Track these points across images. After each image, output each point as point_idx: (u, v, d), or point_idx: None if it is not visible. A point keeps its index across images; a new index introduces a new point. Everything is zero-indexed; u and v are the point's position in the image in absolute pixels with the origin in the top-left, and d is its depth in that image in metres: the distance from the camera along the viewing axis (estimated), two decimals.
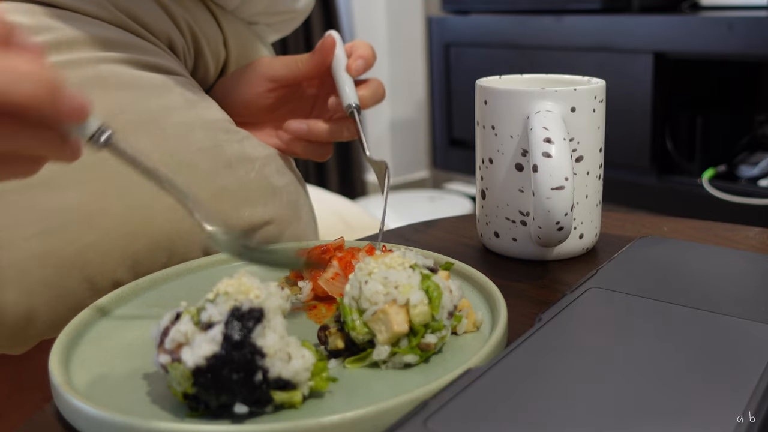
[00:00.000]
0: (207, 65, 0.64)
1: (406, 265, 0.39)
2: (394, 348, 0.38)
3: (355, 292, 0.39)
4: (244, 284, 0.35)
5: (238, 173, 0.56)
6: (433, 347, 0.38)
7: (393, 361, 0.38)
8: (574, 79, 0.57)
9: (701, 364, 0.35)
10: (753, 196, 1.44)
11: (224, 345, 0.33)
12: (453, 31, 1.94)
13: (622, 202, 1.63)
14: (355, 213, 1.00)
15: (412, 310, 0.38)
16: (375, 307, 0.38)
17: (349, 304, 0.39)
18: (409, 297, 0.38)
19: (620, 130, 1.56)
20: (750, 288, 0.46)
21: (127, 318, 0.45)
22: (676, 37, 1.49)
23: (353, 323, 0.38)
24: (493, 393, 0.33)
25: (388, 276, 0.38)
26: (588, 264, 0.54)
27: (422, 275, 0.39)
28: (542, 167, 0.48)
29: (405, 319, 0.38)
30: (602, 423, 0.31)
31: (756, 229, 0.60)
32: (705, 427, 0.30)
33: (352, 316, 0.38)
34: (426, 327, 0.38)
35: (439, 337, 0.38)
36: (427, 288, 0.39)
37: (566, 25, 1.66)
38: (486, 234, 0.57)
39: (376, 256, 0.41)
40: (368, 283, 0.38)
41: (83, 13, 0.54)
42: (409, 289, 0.38)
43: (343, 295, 0.39)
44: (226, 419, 0.34)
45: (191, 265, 0.51)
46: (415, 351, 0.38)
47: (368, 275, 0.39)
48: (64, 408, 0.36)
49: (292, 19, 0.73)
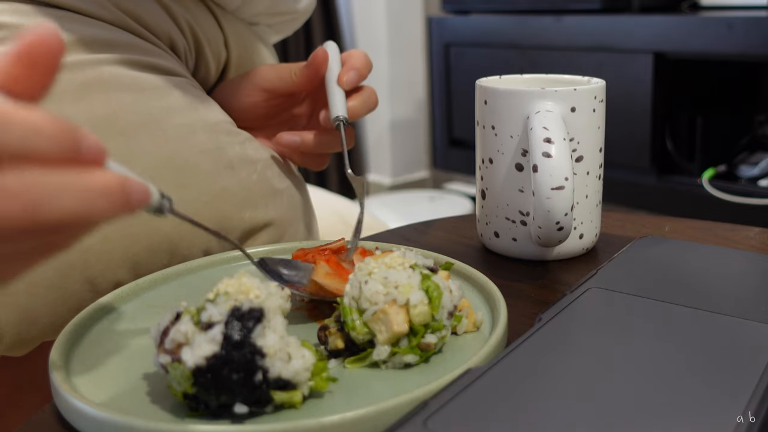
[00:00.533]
0: (208, 66, 0.63)
1: (406, 265, 0.39)
2: (394, 348, 0.38)
3: (355, 292, 0.39)
4: (244, 284, 0.35)
5: (239, 175, 0.56)
6: (433, 347, 0.38)
7: (393, 361, 0.38)
8: (574, 79, 0.57)
9: (701, 364, 0.35)
10: (753, 196, 1.44)
11: (224, 345, 0.33)
12: (453, 31, 1.94)
13: (622, 202, 1.63)
14: (355, 213, 1.00)
15: (412, 310, 0.38)
16: (375, 307, 0.38)
17: (349, 304, 0.39)
18: (409, 297, 0.38)
19: (620, 130, 1.56)
20: (750, 288, 0.46)
21: (127, 318, 0.45)
22: (676, 37, 1.49)
23: (353, 323, 0.38)
24: (493, 393, 0.33)
25: (388, 276, 0.38)
26: (588, 264, 0.55)
27: (422, 275, 0.39)
28: (542, 167, 0.48)
29: (405, 319, 0.38)
30: (602, 423, 0.31)
31: (756, 229, 0.60)
32: (705, 427, 0.30)
33: (352, 316, 0.38)
34: (426, 327, 0.38)
35: (439, 337, 0.38)
36: (427, 288, 0.39)
37: (566, 25, 1.66)
38: (486, 234, 0.57)
39: (376, 256, 0.41)
40: (368, 283, 0.38)
41: (84, 13, 0.54)
42: (409, 289, 0.38)
43: (343, 295, 0.39)
44: (226, 419, 0.34)
45: (191, 265, 0.51)
46: (415, 351, 0.38)
47: (368, 275, 0.39)
48: (64, 408, 0.36)
49: (294, 20, 0.73)
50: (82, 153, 0.29)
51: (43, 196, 0.27)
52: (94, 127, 0.50)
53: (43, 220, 0.27)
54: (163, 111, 0.54)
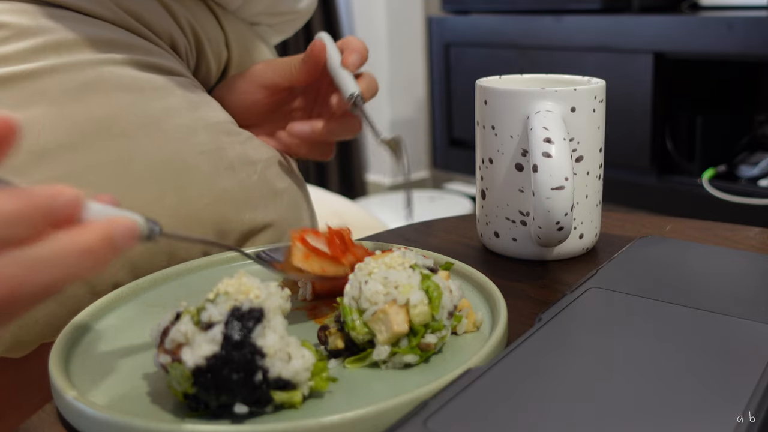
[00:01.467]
0: (209, 65, 0.63)
1: (406, 265, 0.39)
2: (394, 348, 0.38)
3: (355, 292, 0.39)
4: (244, 284, 0.35)
5: (239, 176, 0.56)
6: (433, 347, 0.38)
7: (393, 361, 0.38)
8: (574, 79, 0.57)
9: (701, 364, 0.35)
10: (753, 196, 1.44)
11: (224, 345, 0.33)
12: (453, 31, 1.94)
13: (622, 202, 1.63)
14: (354, 213, 1.00)
15: (412, 310, 0.38)
16: (375, 307, 0.38)
17: (349, 304, 0.39)
18: (409, 297, 0.38)
19: (620, 130, 1.56)
20: (750, 288, 0.46)
21: (127, 318, 0.45)
22: (676, 37, 1.49)
23: (353, 323, 0.38)
24: (493, 393, 0.33)
25: (388, 276, 0.38)
26: (588, 264, 0.54)
27: (422, 275, 0.39)
28: (542, 167, 0.48)
29: (405, 319, 0.38)
30: (602, 423, 0.31)
31: (756, 229, 0.60)
32: (705, 427, 0.30)
33: (352, 316, 0.38)
34: (426, 327, 0.38)
35: (439, 337, 0.38)
36: (427, 288, 0.39)
37: (566, 25, 1.66)
38: (486, 234, 0.57)
39: (376, 257, 0.41)
40: (368, 283, 0.38)
41: (85, 12, 0.54)
42: (409, 289, 0.38)
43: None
44: (226, 419, 0.34)
45: (191, 265, 0.51)
46: (415, 351, 0.38)
47: (368, 275, 0.39)
48: (64, 408, 0.36)
49: (294, 20, 0.73)
50: (57, 216, 0.29)
51: (25, 273, 0.28)
52: (94, 128, 0.50)
53: (28, 294, 0.28)
54: (163, 111, 0.54)
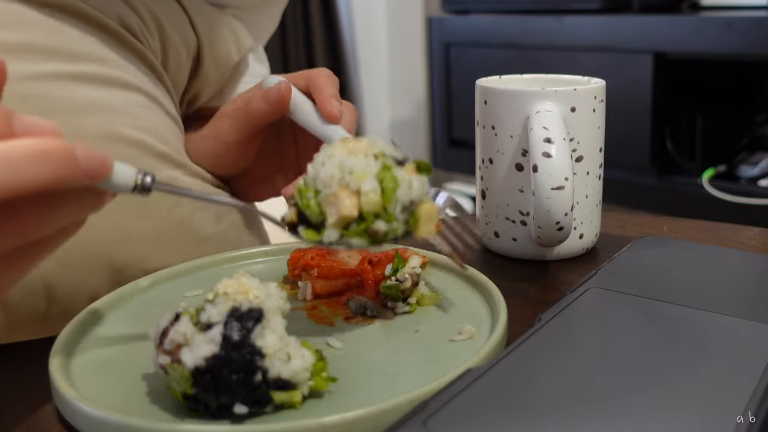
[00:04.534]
0: (177, 51, 0.60)
1: (369, 153, 0.39)
2: (343, 231, 0.38)
3: (315, 173, 0.39)
4: (244, 284, 0.35)
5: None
6: (382, 235, 0.38)
7: (341, 243, 0.38)
8: (574, 79, 0.57)
9: (701, 364, 0.35)
10: (753, 196, 1.44)
11: (223, 345, 0.33)
12: (453, 31, 1.94)
13: (622, 202, 1.63)
14: None
15: (363, 198, 0.37)
16: (328, 190, 0.38)
17: (306, 182, 0.39)
18: (361, 184, 0.37)
19: (620, 130, 1.56)
20: (750, 288, 0.46)
21: (126, 318, 0.45)
22: (676, 37, 1.49)
23: (308, 202, 0.38)
24: (493, 393, 0.33)
25: (345, 161, 0.38)
26: (588, 264, 0.54)
27: (384, 165, 0.38)
28: (542, 167, 0.48)
29: (355, 204, 0.37)
30: (602, 423, 0.31)
31: (756, 229, 0.60)
32: (705, 427, 0.30)
33: (308, 194, 0.38)
34: (376, 217, 0.38)
35: (390, 227, 0.38)
36: (383, 178, 0.38)
37: (566, 25, 1.66)
38: (486, 234, 0.57)
39: (345, 140, 0.40)
40: (325, 165, 0.38)
41: None
42: (363, 176, 0.37)
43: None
44: (225, 419, 0.34)
45: (191, 265, 0.51)
46: (363, 236, 0.38)
47: (328, 158, 0.39)
48: (64, 408, 0.36)
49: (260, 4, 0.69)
50: (15, 128, 0.29)
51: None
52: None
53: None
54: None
